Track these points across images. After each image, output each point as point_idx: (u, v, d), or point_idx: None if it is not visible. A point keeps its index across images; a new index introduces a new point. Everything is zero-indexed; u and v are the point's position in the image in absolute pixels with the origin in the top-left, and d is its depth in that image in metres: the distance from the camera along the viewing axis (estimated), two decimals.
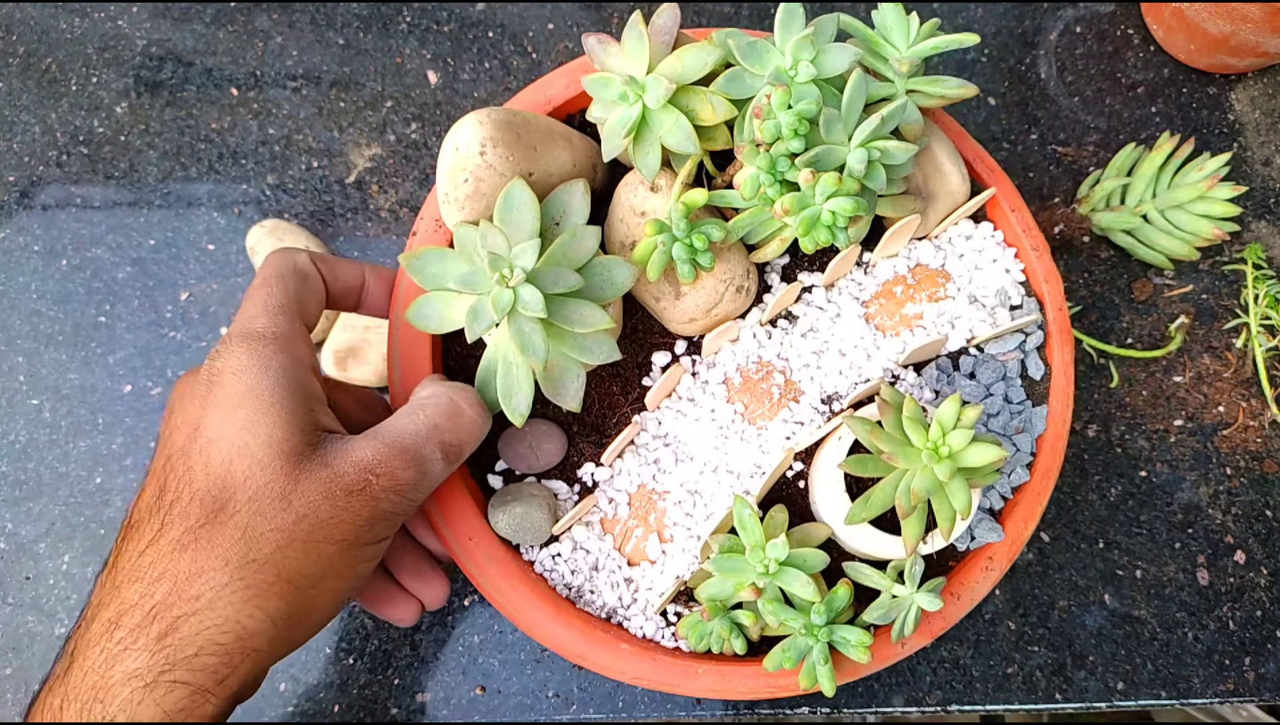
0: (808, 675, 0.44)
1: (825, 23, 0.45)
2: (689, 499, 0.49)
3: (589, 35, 0.46)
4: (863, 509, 0.43)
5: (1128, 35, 0.71)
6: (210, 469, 0.37)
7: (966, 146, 0.52)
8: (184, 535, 0.36)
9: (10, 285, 0.64)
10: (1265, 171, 0.69)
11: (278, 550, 0.37)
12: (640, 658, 0.46)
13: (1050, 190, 0.68)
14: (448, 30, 0.70)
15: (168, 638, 0.35)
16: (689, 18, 0.72)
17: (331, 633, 0.58)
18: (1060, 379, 0.50)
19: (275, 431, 0.38)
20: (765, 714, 0.57)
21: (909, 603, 0.44)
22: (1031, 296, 0.52)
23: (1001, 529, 0.48)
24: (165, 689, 0.35)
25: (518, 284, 0.41)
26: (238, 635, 0.36)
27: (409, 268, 0.45)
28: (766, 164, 0.43)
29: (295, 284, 0.44)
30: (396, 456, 0.40)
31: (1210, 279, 0.66)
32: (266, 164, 0.67)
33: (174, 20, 0.69)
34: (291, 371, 0.40)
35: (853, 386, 0.49)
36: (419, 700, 0.57)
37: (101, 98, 0.68)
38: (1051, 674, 0.59)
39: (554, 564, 0.49)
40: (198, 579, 0.36)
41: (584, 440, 0.50)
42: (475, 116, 0.45)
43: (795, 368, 0.50)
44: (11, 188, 0.66)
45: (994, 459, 0.40)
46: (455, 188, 0.45)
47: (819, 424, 0.49)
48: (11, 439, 0.62)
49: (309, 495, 0.38)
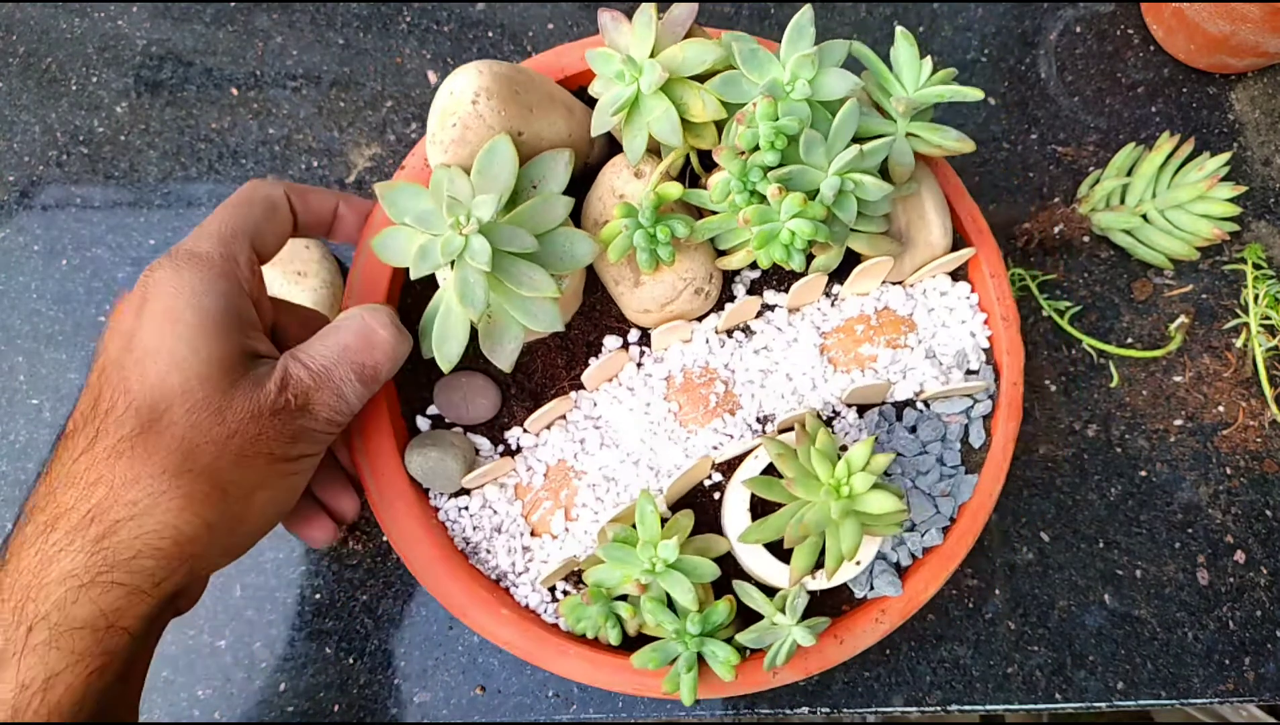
0: (671, 680, 0.44)
1: (834, 46, 0.45)
2: (603, 484, 0.49)
3: (604, 11, 0.46)
4: (756, 531, 0.43)
5: (1128, 35, 0.70)
6: (146, 380, 0.38)
7: (961, 203, 0.51)
8: (119, 443, 0.37)
9: (10, 285, 0.65)
10: (1265, 171, 0.68)
11: (212, 461, 0.38)
12: (516, 625, 0.47)
13: (1050, 190, 0.67)
14: (448, 30, 0.70)
15: (105, 540, 0.37)
16: (701, 17, 0.71)
17: (332, 633, 0.59)
18: (998, 453, 0.49)
19: (213, 350, 0.39)
20: (765, 714, 0.57)
21: (786, 633, 0.44)
22: (990, 365, 0.51)
23: (901, 585, 0.47)
24: (102, 589, 0.36)
25: (470, 232, 0.42)
26: (175, 540, 0.38)
27: (383, 197, 0.45)
28: (739, 171, 0.42)
29: (259, 212, 0.45)
30: (310, 377, 0.41)
31: (1210, 279, 0.65)
32: (266, 164, 0.67)
33: (174, 20, 0.69)
34: (232, 296, 0.41)
35: (790, 411, 0.49)
36: (419, 700, 0.57)
37: (101, 98, 0.68)
38: (1051, 674, 0.59)
39: (459, 516, 0.49)
40: (134, 485, 0.37)
41: (518, 404, 0.51)
42: (476, 65, 0.46)
43: (739, 381, 0.50)
44: (11, 188, 0.66)
45: (891, 509, 0.40)
46: (442, 130, 0.46)
47: (748, 441, 0.49)
48: (11, 439, 0.62)
49: (240, 413, 0.39)
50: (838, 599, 0.49)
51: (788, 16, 0.69)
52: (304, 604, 0.59)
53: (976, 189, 0.67)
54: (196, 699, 0.57)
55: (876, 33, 0.70)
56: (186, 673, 0.57)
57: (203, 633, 0.58)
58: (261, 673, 0.58)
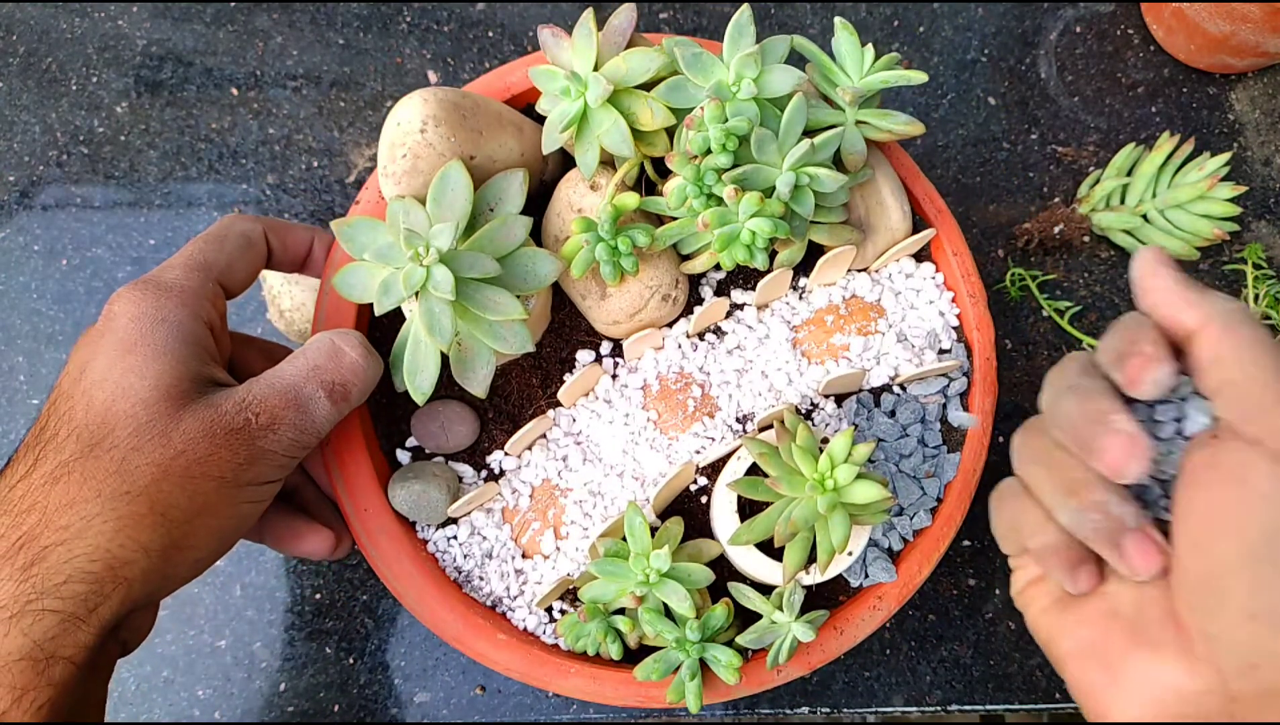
0: (675, 690, 0.44)
1: (775, 43, 0.45)
2: (590, 499, 0.49)
3: (544, 27, 0.46)
4: (746, 532, 0.43)
5: (1128, 35, 0.71)
6: (91, 407, 0.38)
7: (916, 184, 0.52)
8: (57, 468, 0.37)
9: (10, 285, 0.65)
10: (1265, 171, 0.68)
11: (152, 483, 0.37)
12: (516, 650, 0.46)
13: (1050, 190, 0.67)
14: (448, 30, 0.70)
15: (34, 567, 0.35)
16: (689, 17, 0.72)
17: (332, 633, 0.58)
18: (977, 428, 0.50)
19: (163, 377, 0.38)
20: (765, 714, 0.57)
21: (786, 631, 0.44)
22: (962, 342, 0.51)
23: (895, 570, 0.47)
24: (33, 618, 0.35)
25: (431, 263, 0.41)
26: (108, 564, 0.36)
27: (340, 234, 0.45)
28: (694, 175, 0.42)
29: (231, 246, 0.45)
30: (276, 395, 0.41)
31: (1210, 279, 0.66)
32: (266, 164, 0.67)
33: (174, 20, 0.69)
34: (188, 325, 0.41)
35: (768, 408, 0.49)
36: (419, 700, 0.57)
37: (101, 98, 0.68)
38: (1051, 673, 0.59)
39: (448, 546, 0.49)
40: (68, 509, 0.36)
41: (497, 428, 0.50)
42: (421, 94, 0.45)
43: (715, 383, 0.50)
44: (11, 188, 0.66)
45: (877, 498, 0.40)
46: (393, 162, 0.46)
47: (730, 442, 0.49)
48: (12, 439, 0.62)
49: (189, 432, 0.38)
50: (834, 590, 0.49)
51: (788, 16, 0.70)
52: (304, 604, 0.59)
53: (977, 189, 0.67)
54: (196, 699, 0.57)
55: (877, 33, 0.71)
56: (186, 673, 0.57)
57: (203, 633, 0.58)
58: (261, 673, 0.58)
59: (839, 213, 0.47)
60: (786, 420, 0.44)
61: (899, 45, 0.70)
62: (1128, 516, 0.32)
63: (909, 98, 0.69)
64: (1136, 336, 0.33)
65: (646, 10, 0.71)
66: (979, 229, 0.66)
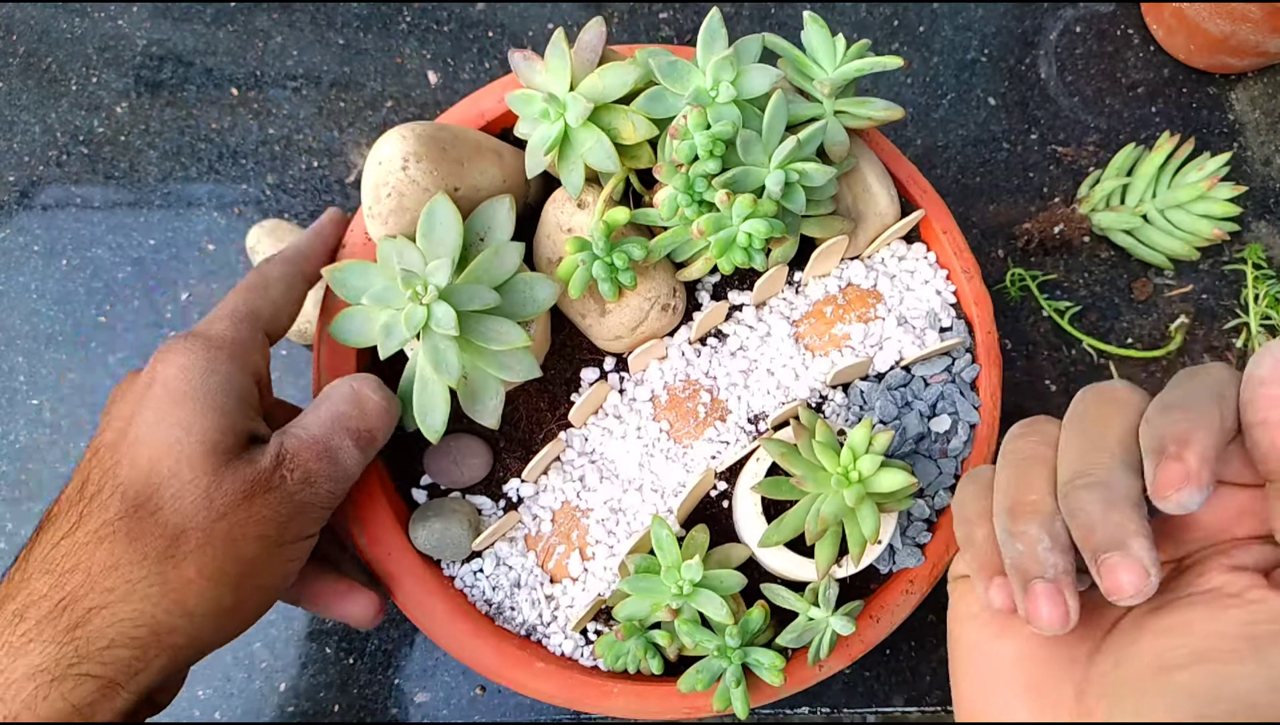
0: (721, 697, 0.44)
1: (748, 43, 0.45)
2: (612, 517, 0.49)
3: (515, 51, 0.46)
4: (775, 532, 0.43)
5: (1128, 35, 0.71)
6: (136, 464, 0.37)
7: (899, 167, 0.52)
8: (102, 528, 0.36)
9: (10, 285, 0.64)
10: (1265, 171, 0.69)
11: (198, 548, 0.37)
12: (555, 676, 0.46)
13: (1050, 190, 0.68)
14: (448, 30, 0.70)
15: (78, 630, 0.35)
16: (689, 17, 0.71)
17: (332, 633, 0.58)
18: (988, 402, 0.50)
19: (209, 433, 0.38)
20: (765, 714, 0.57)
21: (824, 626, 0.44)
22: (961, 319, 0.51)
23: (922, 554, 0.48)
24: (74, 682, 0.34)
25: (431, 301, 0.41)
26: (153, 629, 0.36)
27: (332, 281, 0.45)
28: (683, 184, 0.42)
29: (274, 294, 0.45)
30: (305, 448, 0.40)
31: (1210, 279, 0.66)
32: (266, 164, 0.67)
33: (174, 20, 0.69)
34: (237, 379, 0.40)
35: (779, 406, 0.49)
36: (419, 700, 0.57)
37: (101, 98, 0.68)
38: None
39: (475, 580, 0.49)
40: (113, 572, 0.36)
41: (510, 456, 0.50)
42: (399, 131, 0.45)
43: (723, 386, 0.50)
44: (11, 188, 0.66)
45: (903, 485, 0.40)
46: (378, 202, 0.45)
47: (744, 444, 0.49)
48: (11, 439, 0.62)
49: (230, 494, 0.38)
50: (865, 579, 0.49)
51: (789, 16, 0.70)
52: None
53: (977, 189, 0.68)
54: (196, 699, 0.57)
55: (877, 33, 0.71)
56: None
57: None
58: (261, 673, 0.58)
59: (828, 204, 0.47)
60: (802, 417, 0.44)
61: (899, 45, 0.71)
62: (1049, 566, 0.30)
63: (909, 98, 0.69)
64: (1191, 436, 0.29)
65: (646, 10, 0.70)
66: (979, 229, 0.67)
